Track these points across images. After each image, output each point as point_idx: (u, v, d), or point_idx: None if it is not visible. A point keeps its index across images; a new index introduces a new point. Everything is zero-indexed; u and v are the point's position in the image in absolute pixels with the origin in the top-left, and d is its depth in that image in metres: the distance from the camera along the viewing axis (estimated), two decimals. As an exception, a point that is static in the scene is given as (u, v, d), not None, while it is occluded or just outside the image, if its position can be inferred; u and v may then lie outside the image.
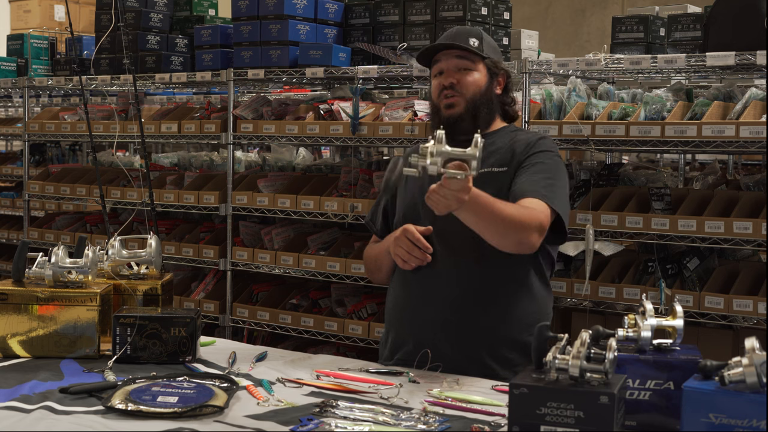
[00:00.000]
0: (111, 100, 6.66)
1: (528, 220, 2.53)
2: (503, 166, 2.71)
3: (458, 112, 2.73)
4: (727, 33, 3.80)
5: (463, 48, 2.75)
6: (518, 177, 2.68)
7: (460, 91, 2.74)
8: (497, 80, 2.81)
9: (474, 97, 2.74)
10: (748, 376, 1.74)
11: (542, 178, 2.64)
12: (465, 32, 2.80)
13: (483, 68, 2.77)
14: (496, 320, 2.67)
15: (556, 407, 1.82)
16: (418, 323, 2.73)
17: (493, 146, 2.74)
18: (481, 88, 2.76)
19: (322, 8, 4.90)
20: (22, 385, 2.31)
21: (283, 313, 4.84)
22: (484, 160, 2.58)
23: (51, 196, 5.97)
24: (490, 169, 2.70)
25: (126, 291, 2.77)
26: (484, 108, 2.76)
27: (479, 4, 4.56)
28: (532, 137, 2.79)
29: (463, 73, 2.75)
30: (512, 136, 2.81)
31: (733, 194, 3.97)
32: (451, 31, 2.86)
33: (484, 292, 2.68)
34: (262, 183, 4.95)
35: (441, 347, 2.64)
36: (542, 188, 2.62)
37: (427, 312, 2.71)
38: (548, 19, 10.67)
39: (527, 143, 2.74)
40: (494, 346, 2.66)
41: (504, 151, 2.74)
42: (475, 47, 2.75)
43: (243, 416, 2.11)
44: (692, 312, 3.72)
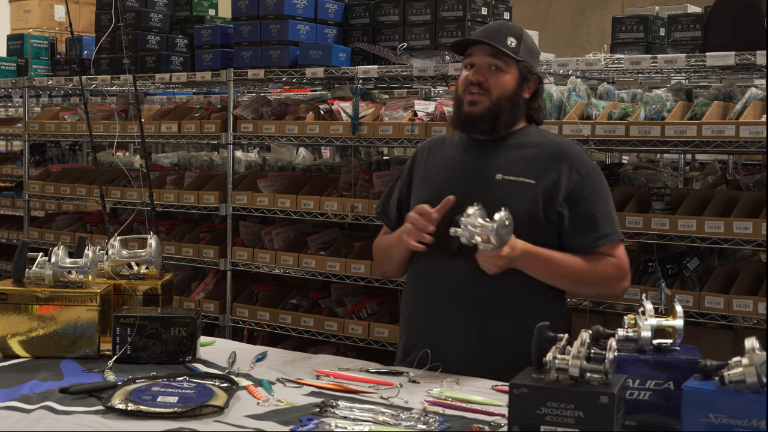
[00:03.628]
0: (111, 100, 6.67)
1: (604, 273, 2.58)
2: (530, 178, 2.59)
3: (479, 112, 2.63)
4: (727, 33, 3.80)
5: (498, 48, 2.63)
6: (574, 214, 2.57)
7: (487, 90, 2.63)
8: (528, 84, 2.69)
9: (500, 99, 2.63)
10: (748, 376, 1.75)
11: (602, 214, 2.59)
12: (505, 30, 2.67)
13: (515, 71, 2.65)
14: (513, 327, 2.59)
15: (556, 407, 1.82)
16: (430, 327, 2.67)
17: (516, 150, 2.65)
18: (509, 90, 2.64)
19: (322, 8, 4.90)
20: (22, 385, 2.31)
21: (283, 313, 4.84)
22: (509, 165, 2.61)
23: (51, 196, 5.97)
24: (515, 178, 2.60)
25: (126, 291, 2.77)
26: (507, 111, 2.65)
27: (479, 4, 4.56)
28: (564, 149, 2.66)
29: (494, 73, 2.64)
30: (538, 140, 2.69)
31: (733, 194, 3.97)
32: (492, 24, 2.76)
33: (502, 298, 2.60)
34: (262, 183, 4.95)
35: (453, 353, 2.58)
36: (608, 226, 2.59)
37: (441, 317, 2.65)
38: (548, 19, 10.67)
39: (564, 162, 2.61)
40: (507, 354, 2.55)
41: (530, 157, 2.63)
42: (511, 47, 2.63)
43: (243, 416, 2.11)
44: (692, 312, 3.72)
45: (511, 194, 2.58)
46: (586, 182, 2.60)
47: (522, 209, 2.55)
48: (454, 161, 2.72)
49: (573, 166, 2.61)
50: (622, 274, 2.61)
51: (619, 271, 2.61)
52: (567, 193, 2.58)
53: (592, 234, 2.57)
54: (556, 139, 2.76)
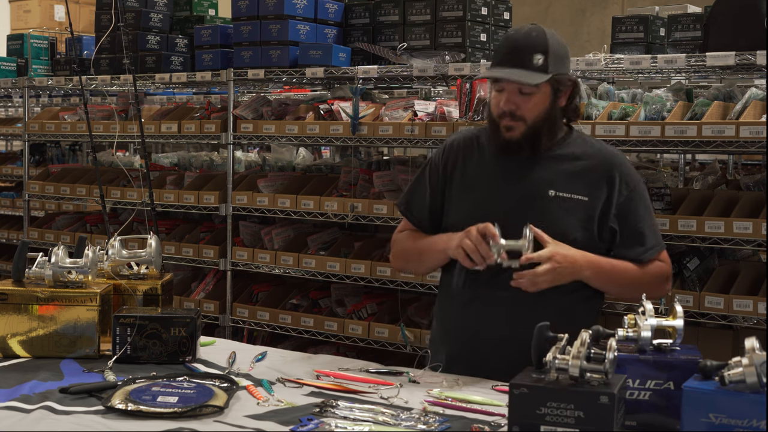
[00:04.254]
0: (111, 100, 6.67)
1: (651, 280, 2.61)
2: (583, 195, 2.55)
3: (517, 137, 2.54)
4: (727, 33, 3.80)
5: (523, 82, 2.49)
6: (626, 227, 2.58)
7: (522, 116, 2.52)
8: (562, 93, 2.57)
9: (536, 122, 2.53)
10: (748, 376, 1.74)
11: (648, 225, 2.60)
12: (529, 47, 2.50)
13: (546, 87, 2.52)
14: None
15: (556, 407, 1.82)
16: (474, 344, 2.61)
17: (563, 164, 2.58)
18: (543, 111, 2.53)
19: (322, 8, 4.90)
20: (22, 385, 2.31)
21: (283, 313, 4.84)
22: (560, 180, 2.56)
23: (51, 196, 5.97)
24: (569, 195, 2.55)
25: (126, 291, 2.77)
26: (545, 130, 2.56)
27: (479, 4, 4.56)
28: (611, 162, 2.59)
29: (524, 98, 2.51)
30: (583, 150, 2.62)
31: (733, 194, 3.97)
32: (519, 39, 2.54)
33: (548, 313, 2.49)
34: (262, 183, 4.95)
35: (498, 364, 2.52)
36: (654, 237, 2.61)
37: (486, 332, 2.59)
38: (548, 19, 10.67)
39: (614, 177, 2.57)
40: None
41: (578, 172, 2.57)
42: (539, 66, 2.49)
43: (243, 416, 2.11)
44: (692, 312, 3.72)
45: (566, 211, 2.54)
46: (633, 196, 2.58)
47: (577, 227, 2.54)
48: (496, 172, 2.62)
49: (622, 180, 2.58)
50: (666, 279, 2.67)
51: (666, 275, 2.66)
52: (618, 208, 2.57)
53: (642, 247, 2.59)
54: (601, 148, 2.66)
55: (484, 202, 2.59)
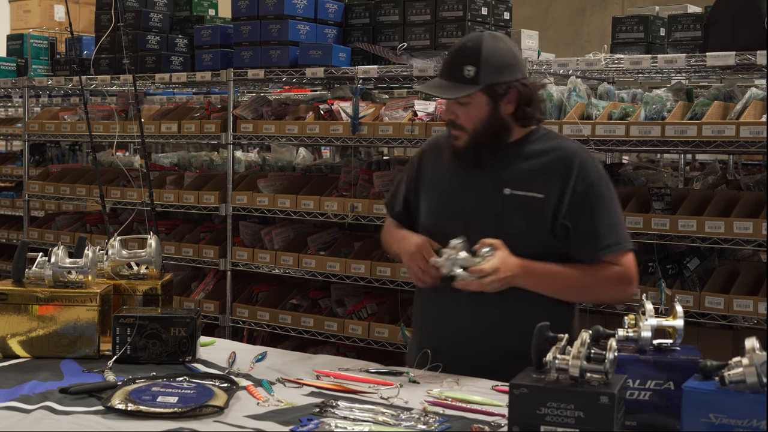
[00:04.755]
0: (111, 100, 6.67)
1: (607, 283, 2.55)
2: (539, 192, 2.53)
3: (462, 146, 2.58)
4: (727, 33, 3.80)
5: (447, 97, 2.56)
6: (576, 227, 2.52)
7: (461, 126, 2.56)
8: (504, 100, 2.55)
9: (476, 129, 2.55)
10: (749, 376, 1.74)
11: (607, 224, 2.53)
12: (461, 59, 2.54)
13: (481, 96, 2.53)
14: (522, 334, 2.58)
15: (556, 407, 1.82)
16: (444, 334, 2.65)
17: (521, 162, 2.58)
18: (482, 119, 2.54)
19: (322, 8, 4.90)
20: (22, 385, 2.30)
21: (283, 313, 4.84)
22: (517, 178, 2.56)
23: (51, 196, 5.97)
24: (524, 193, 2.55)
25: (126, 291, 2.76)
26: (489, 137, 2.56)
27: (479, 4, 4.56)
28: (569, 159, 2.56)
29: (461, 108, 2.55)
30: (543, 148, 2.60)
31: (734, 194, 3.97)
32: (450, 54, 2.60)
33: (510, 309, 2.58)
34: (262, 183, 4.95)
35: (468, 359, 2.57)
36: (613, 236, 2.54)
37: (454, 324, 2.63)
38: (548, 19, 10.67)
39: (569, 173, 2.53)
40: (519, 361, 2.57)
41: (536, 170, 2.56)
42: (469, 77, 2.51)
43: (243, 416, 2.11)
44: (692, 312, 3.72)
45: (520, 210, 2.54)
46: (590, 192, 2.53)
47: (531, 225, 2.54)
48: (457, 172, 2.65)
49: (579, 175, 2.53)
50: (625, 281, 2.56)
51: (621, 278, 2.55)
52: (571, 204, 2.52)
53: (594, 245, 2.53)
54: (563, 144, 2.63)
55: (445, 201, 2.65)
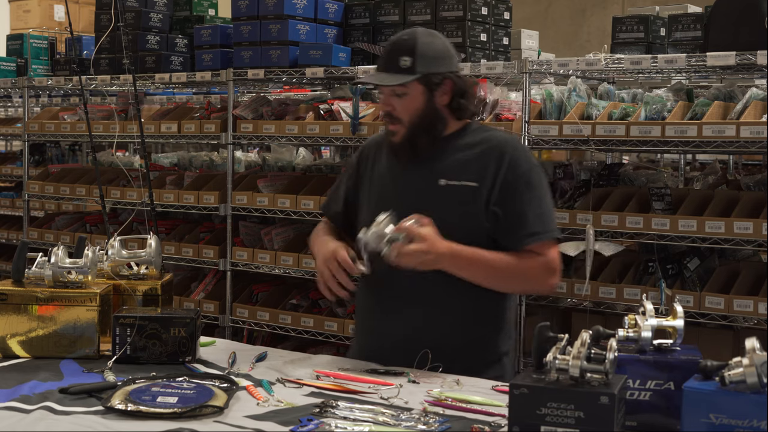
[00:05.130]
0: (111, 100, 6.66)
1: (534, 271, 2.58)
2: (472, 181, 2.59)
3: (398, 140, 2.65)
4: (727, 33, 3.80)
5: (385, 84, 2.61)
6: (505, 213, 2.57)
7: (398, 118, 2.63)
8: (439, 90, 2.62)
9: (412, 120, 2.61)
10: (749, 377, 1.74)
11: (535, 213, 2.58)
12: (397, 51, 2.61)
13: (417, 86, 2.59)
14: (454, 324, 2.63)
15: (556, 407, 1.82)
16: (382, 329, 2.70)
17: (456, 153, 2.63)
18: (418, 110, 2.61)
19: (322, 8, 4.90)
20: (21, 385, 2.30)
21: (283, 313, 4.83)
22: (452, 169, 2.61)
23: (51, 196, 5.96)
24: (458, 182, 2.60)
25: (126, 291, 2.76)
26: (425, 128, 2.62)
27: (479, 4, 4.56)
28: (501, 149, 2.61)
29: (398, 98, 2.61)
30: (477, 139, 2.66)
31: (734, 194, 3.97)
32: (387, 48, 2.67)
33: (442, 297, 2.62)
34: (262, 183, 4.95)
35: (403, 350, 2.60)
36: (541, 224, 2.58)
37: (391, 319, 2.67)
38: (548, 19, 10.67)
39: (501, 162, 2.59)
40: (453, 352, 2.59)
41: (470, 160, 2.62)
42: (405, 67, 2.58)
43: (243, 416, 2.10)
44: (693, 312, 3.72)
45: (455, 199, 2.59)
46: (520, 180, 2.58)
47: (466, 213, 2.58)
48: (395, 168, 2.71)
49: (510, 164, 2.59)
50: (549, 272, 2.60)
51: (546, 269, 2.59)
52: (501, 192, 2.57)
53: (522, 231, 2.56)
54: (497, 135, 2.69)
55: (384, 197, 2.68)
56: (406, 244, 2.44)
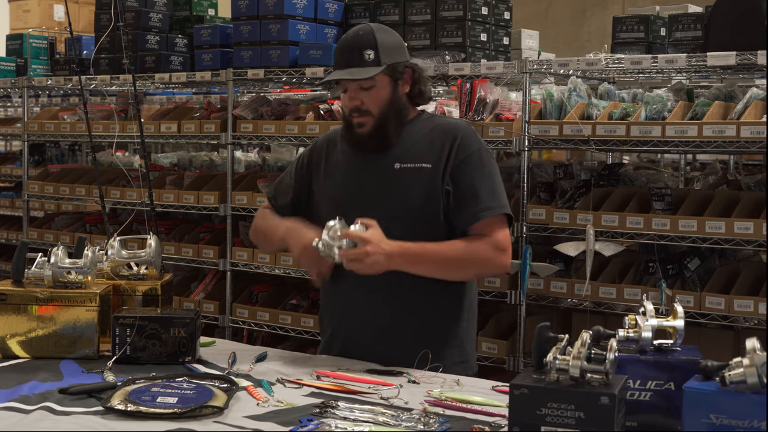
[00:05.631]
0: (110, 100, 6.66)
1: (482, 254, 2.62)
2: (426, 162, 2.67)
3: (368, 131, 2.70)
4: (727, 33, 3.80)
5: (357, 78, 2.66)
6: (461, 187, 2.64)
7: (367, 111, 2.68)
8: (402, 80, 2.72)
9: (381, 111, 2.68)
10: (749, 377, 1.74)
11: (487, 189, 2.65)
12: (358, 45, 2.68)
13: (384, 77, 2.68)
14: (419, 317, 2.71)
15: (556, 408, 1.82)
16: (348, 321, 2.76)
17: (410, 139, 2.72)
18: (386, 100, 2.69)
19: (322, 8, 4.90)
20: (21, 385, 2.30)
21: (283, 313, 4.83)
22: (406, 153, 2.69)
23: (50, 197, 5.96)
24: (413, 165, 2.68)
25: (125, 291, 2.76)
26: (393, 117, 2.70)
27: (479, 4, 4.56)
28: (453, 132, 2.70)
29: (365, 92, 2.68)
30: (430, 126, 2.75)
31: (734, 194, 3.96)
32: (346, 42, 2.72)
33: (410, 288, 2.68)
34: (262, 183, 4.95)
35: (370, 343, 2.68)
36: (491, 200, 2.64)
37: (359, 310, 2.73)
38: (549, 18, 10.67)
39: (453, 143, 2.67)
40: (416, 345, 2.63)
41: (423, 144, 2.70)
42: (370, 60, 2.66)
43: (243, 417, 2.10)
44: (693, 312, 3.72)
45: (411, 181, 2.67)
46: (470, 160, 2.66)
47: (422, 195, 2.65)
48: (352, 158, 2.78)
49: (460, 145, 2.67)
50: (499, 251, 2.64)
51: (495, 248, 2.63)
52: (452, 170, 2.65)
53: (474, 207, 2.62)
54: (449, 121, 2.83)
55: (342, 185, 2.75)
56: (351, 249, 2.48)
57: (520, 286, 3.99)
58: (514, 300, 4.08)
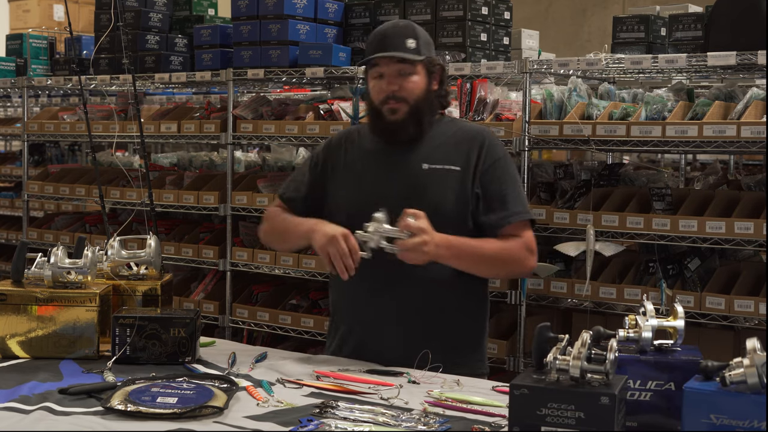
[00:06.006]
0: (110, 100, 6.66)
1: (516, 253, 2.69)
2: (455, 165, 2.70)
3: (401, 119, 2.71)
4: (727, 33, 3.79)
5: (403, 58, 2.69)
6: (489, 192, 2.70)
7: (403, 97, 2.70)
8: (434, 77, 2.77)
9: (417, 101, 2.71)
10: (749, 377, 1.74)
11: (513, 194, 2.72)
12: (401, 32, 2.72)
13: (422, 69, 2.72)
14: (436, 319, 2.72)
15: (556, 408, 1.82)
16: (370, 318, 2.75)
17: (436, 140, 2.75)
18: (422, 90, 2.72)
19: (322, 8, 4.89)
20: (21, 385, 2.30)
21: (283, 313, 4.83)
22: (433, 154, 2.72)
23: (50, 197, 5.96)
24: (441, 166, 2.71)
25: (125, 291, 2.76)
26: (426, 110, 2.74)
27: (479, 4, 4.56)
28: (480, 136, 2.76)
29: (404, 78, 2.70)
30: (453, 129, 2.81)
31: (734, 194, 3.96)
32: (387, 30, 2.76)
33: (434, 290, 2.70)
34: (262, 183, 4.94)
35: (389, 342, 2.68)
36: (517, 205, 2.71)
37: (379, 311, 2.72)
38: (549, 18, 10.66)
39: (481, 147, 2.73)
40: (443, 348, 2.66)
41: (449, 146, 2.74)
42: (412, 49, 2.70)
43: (242, 417, 2.10)
44: (693, 312, 3.72)
45: (440, 183, 2.69)
46: (498, 165, 2.73)
47: (453, 197, 2.68)
48: (374, 156, 2.79)
49: (488, 151, 2.73)
50: (530, 252, 2.72)
51: (527, 249, 2.71)
52: (482, 175, 2.71)
53: (503, 211, 2.69)
54: (471, 126, 2.90)
55: (365, 183, 2.75)
56: (409, 239, 2.48)
57: (520, 286, 3.99)
58: (514, 300, 4.08)
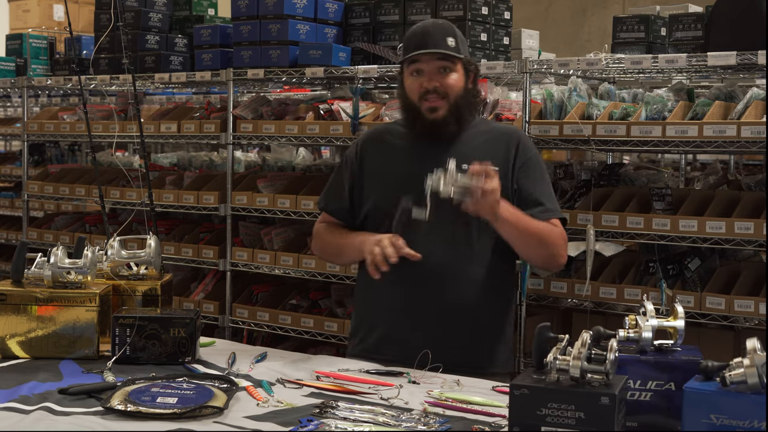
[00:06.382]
0: (110, 100, 6.66)
1: (558, 239, 2.78)
2: (495, 164, 2.68)
3: (442, 116, 2.74)
4: (727, 33, 3.79)
5: (444, 55, 2.73)
6: (525, 189, 2.78)
7: (443, 94, 2.74)
8: (471, 76, 2.82)
9: (456, 98, 2.76)
10: (750, 377, 1.74)
11: (546, 192, 2.82)
12: (441, 31, 2.77)
13: (461, 68, 2.77)
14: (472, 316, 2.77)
15: (556, 408, 1.82)
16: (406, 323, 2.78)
17: (471, 140, 2.80)
18: (461, 88, 2.77)
19: (322, 8, 4.89)
20: (21, 385, 2.30)
21: (283, 313, 4.83)
22: (470, 152, 2.74)
23: (50, 197, 5.96)
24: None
25: (125, 291, 2.76)
26: (465, 108, 2.79)
27: (480, 3, 4.56)
28: (514, 135, 2.86)
29: (444, 75, 2.75)
30: (486, 128, 2.89)
31: (735, 194, 3.96)
32: (427, 27, 2.80)
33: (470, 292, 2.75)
34: (262, 183, 4.94)
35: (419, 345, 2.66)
36: (552, 203, 2.81)
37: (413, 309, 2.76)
38: (549, 18, 10.66)
39: (517, 145, 2.81)
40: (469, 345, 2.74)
41: (485, 145, 2.80)
42: (453, 47, 2.74)
43: (242, 417, 2.10)
44: (693, 312, 3.71)
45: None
46: (531, 163, 2.82)
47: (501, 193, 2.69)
48: (409, 155, 2.82)
49: (523, 148, 2.82)
50: (566, 243, 2.85)
51: (564, 240, 2.83)
52: (519, 171, 2.79)
53: (539, 207, 2.77)
54: (503, 125, 3.01)
55: (400, 183, 2.75)
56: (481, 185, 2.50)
57: (520, 286, 3.99)
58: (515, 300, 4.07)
